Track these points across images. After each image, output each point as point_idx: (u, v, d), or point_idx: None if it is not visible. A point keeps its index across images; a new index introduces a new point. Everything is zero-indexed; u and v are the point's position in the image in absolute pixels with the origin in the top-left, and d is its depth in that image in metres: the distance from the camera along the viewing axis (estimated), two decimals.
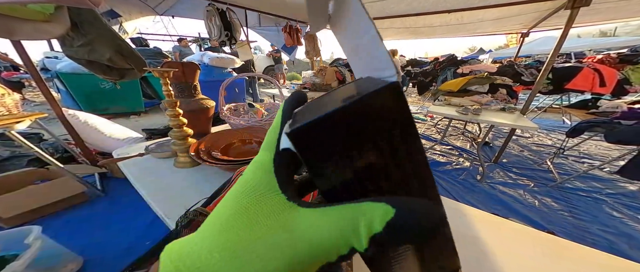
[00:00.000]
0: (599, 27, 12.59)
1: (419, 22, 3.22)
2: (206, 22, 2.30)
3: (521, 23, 3.17)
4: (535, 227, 0.53)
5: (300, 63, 10.63)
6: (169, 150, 0.74)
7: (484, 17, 2.87)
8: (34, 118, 1.35)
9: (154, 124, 3.11)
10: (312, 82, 2.95)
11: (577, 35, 11.98)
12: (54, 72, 2.97)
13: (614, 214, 1.54)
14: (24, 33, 0.56)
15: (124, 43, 0.93)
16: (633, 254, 1.22)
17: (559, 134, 3.11)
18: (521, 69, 3.05)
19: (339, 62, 3.88)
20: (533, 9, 2.41)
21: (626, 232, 1.37)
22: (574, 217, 1.51)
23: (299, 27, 3.38)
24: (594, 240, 1.32)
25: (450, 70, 3.72)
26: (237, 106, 1.07)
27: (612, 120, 1.66)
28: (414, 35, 4.45)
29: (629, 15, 2.73)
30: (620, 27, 17.22)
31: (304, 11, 2.76)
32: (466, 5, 2.35)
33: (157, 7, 2.55)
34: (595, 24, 3.28)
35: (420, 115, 4.05)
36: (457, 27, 3.46)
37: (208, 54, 2.89)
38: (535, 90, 2.10)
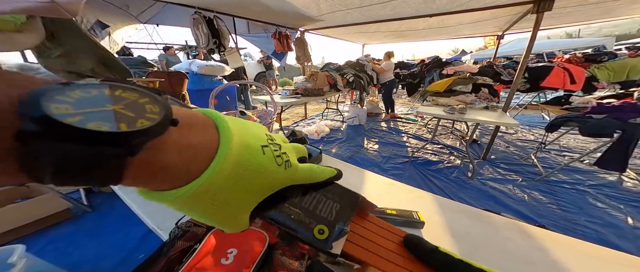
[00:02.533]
0: (565, 30, 13.60)
1: (403, 26, 3.34)
2: (193, 30, 2.26)
3: (496, 26, 3.37)
4: (526, 221, 0.54)
5: (291, 69, 10.68)
6: None
7: (463, 21, 3.03)
8: None
9: None
10: (304, 87, 2.95)
11: (547, 37, 12.85)
12: None
13: (598, 204, 1.61)
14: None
15: (106, 52, 0.89)
16: (622, 244, 1.26)
17: (540, 130, 3.27)
18: (500, 69, 3.22)
19: (330, 67, 3.93)
20: (505, 13, 2.59)
21: (612, 223, 1.43)
22: (562, 209, 1.57)
23: (288, 33, 3.40)
24: (583, 232, 1.37)
25: (436, 71, 3.85)
26: (228, 114, 1.05)
27: (584, 115, 1.77)
28: (400, 38, 4.60)
29: (588, 19, 2.99)
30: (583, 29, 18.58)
31: (292, 17, 2.79)
32: (445, 10, 2.47)
33: (140, 16, 2.49)
34: (560, 26, 3.55)
35: (411, 116, 4.15)
36: (440, 30, 3.62)
37: (196, 62, 2.84)
38: (513, 89, 2.22)
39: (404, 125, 3.63)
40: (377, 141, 2.97)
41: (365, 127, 3.58)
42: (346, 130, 3.47)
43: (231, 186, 0.15)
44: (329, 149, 2.76)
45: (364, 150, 2.68)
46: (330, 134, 3.28)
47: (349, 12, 2.58)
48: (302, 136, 0.88)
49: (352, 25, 3.23)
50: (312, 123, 3.89)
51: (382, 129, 3.49)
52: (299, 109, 4.94)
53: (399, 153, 2.55)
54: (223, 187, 0.15)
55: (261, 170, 0.17)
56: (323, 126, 3.37)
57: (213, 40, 2.26)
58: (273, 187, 0.18)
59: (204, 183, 0.14)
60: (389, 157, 2.44)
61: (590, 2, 2.17)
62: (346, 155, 2.55)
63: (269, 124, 0.92)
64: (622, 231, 1.37)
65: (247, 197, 0.17)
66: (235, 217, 0.17)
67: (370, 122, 3.82)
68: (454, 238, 0.47)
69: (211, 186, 0.14)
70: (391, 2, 2.22)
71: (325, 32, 3.81)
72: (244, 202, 0.17)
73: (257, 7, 2.32)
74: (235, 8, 2.37)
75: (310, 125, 3.73)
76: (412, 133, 3.25)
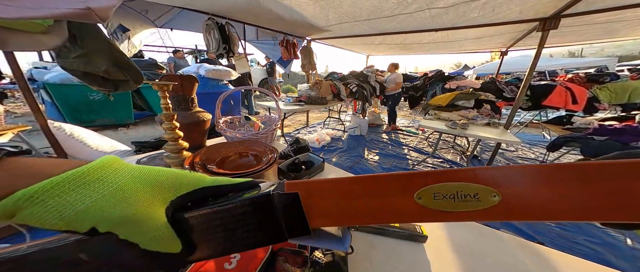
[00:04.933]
0: (568, 48, 13.76)
1: (408, 39, 3.42)
2: (205, 35, 2.34)
3: (500, 42, 3.44)
4: (526, 238, 0.55)
5: (295, 76, 10.83)
6: (162, 163, 0.73)
7: (467, 36, 3.09)
8: (17, 131, 1.28)
9: (143, 137, 3.02)
10: (307, 95, 3.00)
11: (549, 55, 13.03)
12: (40, 82, 2.88)
13: (596, 224, 1.60)
14: (19, 44, 0.55)
15: (121, 54, 0.93)
16: (620, 265, 1.26)
17: (541, 148, 3.27)
18: (502, 86, 3.25)
19: (334, 76, 3.99)
20: (510, 30, 2.64)
21: (611, 243, 1.42)
22: (560, 228, 1.56)
23: (295, 42, 3.49)
24: (581, 251, 1.36)
25: (438, 85, 3.90)
26: (233, 119, 1.07)
27: (586, 136, 1.78)
28: (405, 51, 4.69)
29: (592, 38, 3.04)
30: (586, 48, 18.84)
31: (301, 27, 2.88)
32: (451, 25, 2.54)
33: (157, 20, 2.59)
34: (564, 45, 3.60)
35: (412, 129, 4.16)
36: (444, 44, 3.69)
37: (204, 66, 2.91)
38: (516, 106, 2.24)
39: (405, 138, 3.65)
40: (377, 151, 2.98)
41: (366, 137, 3.60)
42: (347, 139, 3.48)
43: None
44: (330, 158, 2.77)
45: (364, 160, 2.69)
46: (331, 143, 3.30)
47: (356, 24, 2.66)
48: (306, 143, 0.89)
49: (358, 37, 3.31)
50: (314, 131, 3.91)
51: (383, 140, 3.50)
52: (301, 116, 4.99)
53: (399, 165, 2.55)
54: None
55: None
56: (324, 135, 3.39)
57: (223, 45, 2.33)
58: (178, 180, 0.20)
59: None
60: (389, 169, 2.44)
61: (595, 21, 2.21)
62: (346, 165, 2.56)
63: (273, 130, 0.94)
64: (620, 251, 1.36)
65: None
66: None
67: (371, 133, 3.83)
68: (456, 253, 0.48)
69: None
70: (398, 16, 2.29)
71: (332, 42, 3.90)
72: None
73: (268, 15, 2.40)
74: (247, 16, 2.46)
75: (311, 133, 3.75)
76: (413, 146, 3.25)
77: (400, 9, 2.12)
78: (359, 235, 0.49)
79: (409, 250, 0.46)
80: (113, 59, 1.02)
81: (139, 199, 0.16)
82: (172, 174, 0.20)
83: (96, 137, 1.82)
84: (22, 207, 0.13)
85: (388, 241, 0.48)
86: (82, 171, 0.15)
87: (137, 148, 2.04)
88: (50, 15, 0.47)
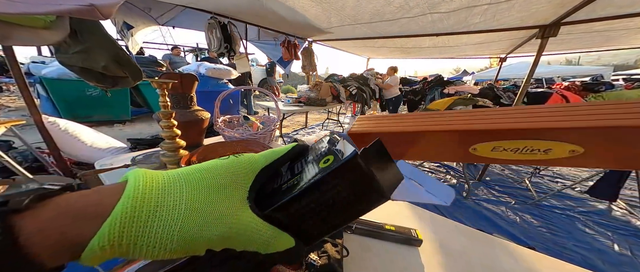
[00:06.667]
0: (565, 56, 13.95)
1: (409, 43, 3.45)
2: (207, 34, 2.33)
3: (500, 48, 3.48)
4: (517, 243, 0.56)
5: (295, 76, 10.83)
6: (158, 161, 0.72)
7: (467, 41, 3.13)
8: (10, 125, 1.27)
9: (139, 134, 3.00)
10: (307, 96, 3.00)
11: (547, 63, 13.20)
12: (37, 77, 2.85)
13: (586, 230, 1.63)
14: (20, 39, 0.55)
15: (121, 51, 0.92)
16: (606, 269, 1.30)
17: None
18: (500, 92, 3.29)
19: (334, 78, 4.00)
20: (510, 36, 2.68)
21: (599, 249, 1.46)
22: (552, 233, 1.59)
23: (296, 43, 3.49)
24: (570, 255, 1.40)
25: (437, 89, 3.92)
26: (231, 118, 1.07)
27: None
28: (405, 55, 4.72)
29: (590, 46, 3.10)
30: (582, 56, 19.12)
31: (303, 28, 2.88)
32: (451, 30, 2.57)
33: (159, 18, 2.59)
34: (562, 52, 3.66)
35: None
36: (444, 49, 3.73)
37: (205, 65, 2.90)
38: None
39: None
40: None
41: None
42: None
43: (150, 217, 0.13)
44: None
45: None
46: None
47: (358, 27, 2.67)
48: (305, 145, 0.89)
49: (359, 39, 3.32)
50: (312, 132, 3.92)
51: None
52: (300, 117, 4.99)
53: None
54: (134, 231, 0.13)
55: (197, 174, 0.16)
56: (322, 135, 3.39)
57: (225, 44, 2.33)
58: (232, 172, 0.17)
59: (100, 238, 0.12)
60: None
61: (594, 30, 2.25)
62: None
63: (272, 131, 0.95)
64: (608, 256, 1.39)
65: (213, 193, 0.16)
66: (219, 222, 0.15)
67: None
68: (450, 257, 0.49)
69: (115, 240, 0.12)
70: (399, 19, 2.31)
71: (333, 44, 3.91)
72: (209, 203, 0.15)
73: (271, 16, 2.41)
74: (250, 16, 2.46)
75: (310, 134, 3.76)
76: None
77: (402, 13, 2.14)
78: (355, 238, 0.50)
79: (403, 254, 0.47)
80: (113, 56, 1.02)
81: (222, 212, 0.15)
82: (224, 168, 0.18)
83: (91, 133, 1.80)
84: (135, 238, 0.12)
85: (383, 245, 0.49)
86: (136, 199, 0.13)
87: (133, 145, 2.02)
88: (54, 12, 0.47)
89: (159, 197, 0.14)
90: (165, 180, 0.15)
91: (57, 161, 1.57)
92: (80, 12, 0.42)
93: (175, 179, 0.16)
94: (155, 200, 0.14)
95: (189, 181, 0.16)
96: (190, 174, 0.16)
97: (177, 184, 0.15)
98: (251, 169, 0.18)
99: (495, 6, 1.84)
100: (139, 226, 0.13)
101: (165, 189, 0.14)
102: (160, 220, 0.13)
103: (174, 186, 0.15)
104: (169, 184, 0.15)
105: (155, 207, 0.13)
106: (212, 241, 0.15)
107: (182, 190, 0.15)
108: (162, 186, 0.15)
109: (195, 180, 0.16)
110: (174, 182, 0.15)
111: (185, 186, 0.15)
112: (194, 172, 0.17)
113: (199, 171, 0.17)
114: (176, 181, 0.15)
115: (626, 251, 1.44)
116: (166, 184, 0.15)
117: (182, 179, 0.16)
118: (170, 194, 0.14)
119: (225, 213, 0.16)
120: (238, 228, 0.16)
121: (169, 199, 0.14)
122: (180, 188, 0.15)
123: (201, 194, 0.15)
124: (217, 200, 0.16)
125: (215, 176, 0.17)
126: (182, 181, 0.15)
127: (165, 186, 0.15)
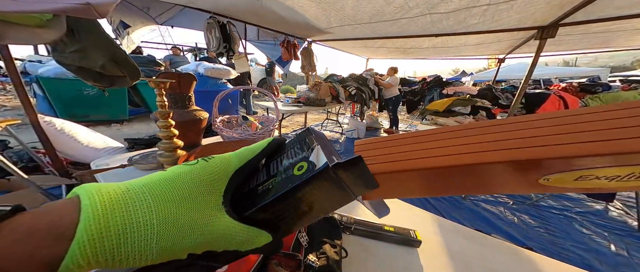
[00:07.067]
0: (562, 57, 14.06)
1: (408, 44, 3.46)
2: (206, 34, 2.33)
3: (498, 49, 3.50)
4: (515, 243, 0.56)
5: (294, 77, 10.83)
6: (155, 161, 0.72)
7: (467, 42, 3.14)
8: (5, 124, 1.26)
9: (137, 134, 2.99)
10: (306, 96, 3.00)
11: (545, 64, 13.30)
12: (33, 76, 2.83)
13: (583, 230, 1.64)
14: (16, 38, 0.54)
15: (119, 50, 0.92)
16: (603, 269, 1.31)
17: None
18: (498, 93, 3.30)
19: (334, 78, 4.00)
20: (508, 37, 2.69)
21: (596, 249, 1.47)
22: (549, 233, 1.60)
23: (296, 43, 3.49)
24: (567, 256, 1.40)
25: (436, 90, 3.94)
26: (230, 118, 1.07)
27: None
28: (404, 55, 4.74)
29: (588, 47, 3.12)
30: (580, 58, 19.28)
31: (302, 28, 2.88)
32: (451, 31, 2.58)
33: (158, 17, 2.58)
34: (560, 53, 3.69)
35: None
36: (443, 49, 3.74)
37: (203, 64, 2.89)
38: (511, 114, 2.28)
39: None
40: None
41: None
42: (345, 142, 3.49)
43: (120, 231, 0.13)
44: None
45: None
46: None
47: (358, 27, 2.67)
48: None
49: (359, 40, 3.33)
50: None
51: None
52: (299, 117, 4.98)
53: None
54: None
55: (160, 182, 0.16)
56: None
57: (224, 44, 2.32)
58: (202, 179, 0.17)
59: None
60: None
61: (592, 31, 2.27)
62: None
63: (271, 131, 0.94)
64: (605, 256, 1.41)
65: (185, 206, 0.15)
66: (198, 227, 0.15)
67: (369, 136, 3.85)
68: (449, 258, 0.48)
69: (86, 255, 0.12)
70: (399, 20, 2.31)
71: (332, 44, 3.92)
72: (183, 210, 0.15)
73: (270, 16, 2.41)
74: (249, 16, 2.46)
75: None
76: None
77: (401, 13, 2.14)
78: (354, 239, 0.49)
79: (403, 255, 0.47)
80: (111, 55, 1.01)
81: (197, 221, 0.15)
82: (193, 175, 0.17)
83: (88, 133, 1.79)
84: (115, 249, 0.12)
85: (382, 245, 0.48)
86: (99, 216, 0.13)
87: (130, 145, 2.00)
88: (50, 10, 0.46)
89: (123, 214, 0.13)
90: (126, 195, 0.14)
91: (53, 161, 1.56)
92: (77, 10, 0.42)
93: (138, 192, 0.15)
94: (121, 217, 0.13)
95: (155, 193, 0.15)
96: (155, 185, 0.16)
97: (141, 197, 0.15)
98: (224, 173, 0.18)
99: (495, 7, 1.85)
100: (111, 244, 0.13)
101: (128, 205, 0.14)
102: (133, 236, 0.13)
103: (139, 200, 0.14)
104: (132, 200, 0.14)
105: (123, 225, 0.13)
106: (193, 248, 0.15)
107: (150, 204, 0.14)
108: (123, 201, 0.14)
109: (162, 192, 0.15)
110: (137, 196, 0.15)
111: (151, 200, 0.15)
112: (159, 183, 0.16)
113: (165, 181, 0.16)
114: (139, 194, 0.15)
115: (623, 251, 1.45)
116: (128, 200, 0.14)
117: (146, 192, 0.15)
118: (136, 210, 0.14)
119: (202, 222, 0.16)
120: (217, 234, 0.16)
121: (137, 215, 0.14)
122: (147, 202, 0.14)
123: (172, 206, 0.15)
124: (191, 210, 0.16)
125: (184, 186, 0.16)
126: (146, 195, 0.15)
127: (128, 201, 0.14)
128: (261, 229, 0.18)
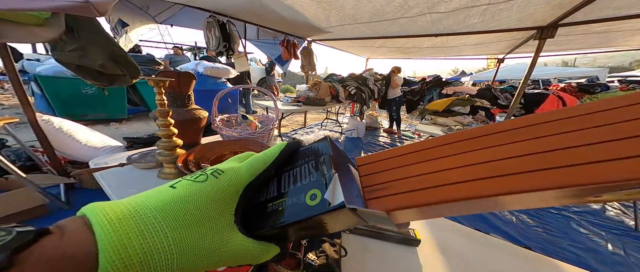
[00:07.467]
0: (561, 57, 14.10)
1: (408, 44, 3.46)
2: (205, 33, 2.32)
3: (498, 49, 3.51)
4: (514, 243, 0.56)
5: (293, 76, 10.81)
6: (154, 160, 0.71)
7: (466, 42, 3.15)
8: (3, 123, 1.25)
9: (136, 132, 2.98)
10: (306, 96, 3.00)
11: (544, 64, 13.33)
12: (31, 75, 2.81)
13: (581, 230, 1.66)
14: (15, 36, 0.54)
15: (118, 49, 0.91)
16: (600, 269, 1.32)
17: None
18: (497, 93, 3.31)
19: (333, 78, 4.00)
20: (508, 37, 2.70)
21: (593, 248, 1.48)
22: (547, 233, 1.61)
23: (296, 42, 3.49)
24: (565, 255, 1.41)
25: (436, 90, 3.95)
26: (229, 117, 1.06)
27: None
28: (404, 55, 4.74)
29: (587, 47, 3.13)
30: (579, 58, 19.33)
31: (302, 28, 2.88)
32: (451, 31, 2.58)
33: (157, 16, 2.57)
34: (559, 53, 3.70)
35: (408, 133, 4.20)
36: (443, 49, 3.74)
37: (203, 63, 2.88)
38: (510, 114, 2.28)
39: (401, 142, 3.68)
40: None
41: (363, 140, 3.62)
42: (344, 142, 3.49)
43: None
44: None
45: None
46: None
47: (358, 27, 2.67)
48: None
49: (359, 39, 3.33)
50: (311, 132, 3.92)
51: (379, 143, 3.53)
52: (298, 117, 4.98)
53: None
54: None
55: (173, 203, 0.16)
56: (321, 136, 3.39)
57: (223, 43, 2.31)
58: (214, 199, 0.17)
59: None
60: None
61: (592, 31, 2.27)
62: None
63: (270, 130, 0.94)
64: (602, 256, 1.42)
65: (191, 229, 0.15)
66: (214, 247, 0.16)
67: (368, 136, 3.85)
68: (448, 257, 0.49)
69: None
70: (399, 19, 2.31)
71: (332, 44, 3.92)
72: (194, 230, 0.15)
73: (270, 15, 2.40)
74: (249, 15, 2.45)
75: (308, 134, 3.76)
76: None
77: (401, 13, 2.14)
78: (353, 238, 0.49)
79: (402, 254, 0.47)
80: (110, 54, 1.01)
81: (212, 246, 0.16)
82: (204, 196, 0.17)
83: (86, 132, 1.78)
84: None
85: (382, 244, 0.49)
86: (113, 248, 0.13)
87: (129, 144, 1.99)
88: (48, 8, 0.46)
89: (141, 242, 0.13)
90: (138, 220, 0.14)
91: (51, 160, 1.55)
92: (75, 8, 0.42)
93: (150, 216, 0.14)
94: (139, 245, 0.13)
95: (168, 217, 0.15)
96: (168, 209, 0.15)
97: (154, 222, 0.14)
98: (235, 191, 0.18)
99: (494, 7, 1.85)
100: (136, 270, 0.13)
101: (143, 232, 0.14)
102: (155, 264, 0.13)
103: (152, 226, 0.14)
104: (146, 225, 0.14)
105: (144, 254, 0.13)
106: (211, 267, 0.16)
107: (164, 229, 0.14)
108: (137, 228, 0.13)
109: (176, 216, 0.15)
110: (150, 222, 0.14)
111: (165, 225, 0.14)
112: (171, 205, 0.15)
113: (176, 203, 0.16)
114: (152, 219, 0.14)
115: (619, 250, 1.46)
116: (142, 226, 0.14)
117: (159, 217, 0.14)
118: (153, 237, 0.14)
119: (216, 246, 0.16)
120: (232, 253, 0.17)
121: (154, 242, 0.13)
122: (162, 228, 0.14)
123: (186, 232, 0.15)
124: (207, 234, 0.16)
125: (197, 208, 0.16)
126: (159, 219, 0.14)
127: (142, 228, 0.14)
128: (270, 243, 0.19)
